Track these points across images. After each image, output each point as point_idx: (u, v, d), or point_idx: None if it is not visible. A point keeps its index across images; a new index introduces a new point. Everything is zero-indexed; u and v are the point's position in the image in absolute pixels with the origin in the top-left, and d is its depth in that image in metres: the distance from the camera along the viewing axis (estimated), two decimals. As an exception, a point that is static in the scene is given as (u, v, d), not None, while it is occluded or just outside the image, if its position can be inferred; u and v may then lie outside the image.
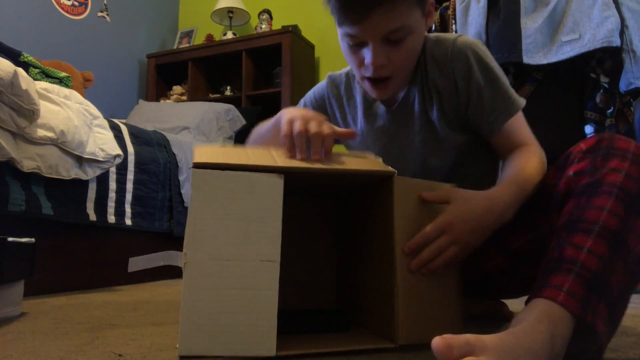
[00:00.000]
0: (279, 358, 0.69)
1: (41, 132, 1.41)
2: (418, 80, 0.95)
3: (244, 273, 0.70)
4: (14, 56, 1.84)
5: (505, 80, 0.92)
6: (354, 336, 0.82)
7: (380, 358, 0.72)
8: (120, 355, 0.75)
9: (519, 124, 0.92)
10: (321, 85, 1.11)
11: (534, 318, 0.60)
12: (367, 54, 0.85)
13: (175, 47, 3.79)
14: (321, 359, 0.70)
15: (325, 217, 1.03)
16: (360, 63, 0.88)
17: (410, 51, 0.87)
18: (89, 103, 1.70)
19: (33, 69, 1.85)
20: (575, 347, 0.64)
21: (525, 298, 0.67)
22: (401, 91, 0.97)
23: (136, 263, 0.77)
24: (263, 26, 3.43)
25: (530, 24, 1.91)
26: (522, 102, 0.92)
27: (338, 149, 1.02)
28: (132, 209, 1.84)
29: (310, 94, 1.13)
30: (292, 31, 3.12)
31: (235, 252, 0.70)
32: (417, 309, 0.77)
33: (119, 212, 1.77)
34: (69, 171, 1.51)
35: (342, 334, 0.83)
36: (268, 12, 3.47)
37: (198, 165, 0.70)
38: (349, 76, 1.08)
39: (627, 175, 0.68)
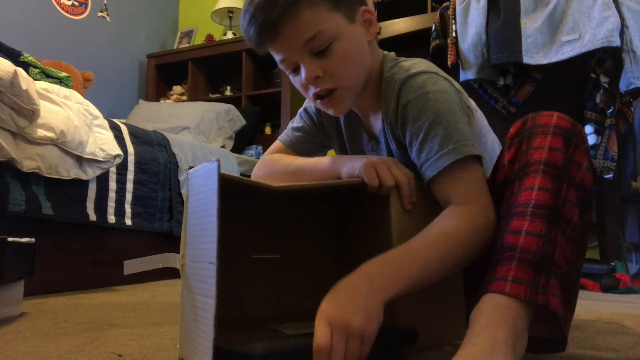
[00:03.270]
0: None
1: (41, 132, 1.41)
2: (382, 108, 0.88)
3: (198, 277, 0.65)
4: (14, 56, 1.84)
5: (454, 124, 0.78)
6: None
7: (380, 358, 0.72)
8: (120, 355, 0.75)
9: (458, 177, 0.77)
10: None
11: (485, 316, 0.61)
12: (303, 72, 0.82)
13: (175, 47, 3.79)
14: None
15: (324, 220, 1.03)
16: (305, 86, 0.85)
17: (343, 57, 0.81)
18: (89, 103, 1.70)
19: (33, 69, 1.84)
20: (539, 330, 0.65)
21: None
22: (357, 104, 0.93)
23: (132, 266, 0.75)
24: (263, 26, 3.43)
25: (530, 24, 1.91)
26: (467, 150, 0.76)
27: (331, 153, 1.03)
28: (132, 208, 1.84)
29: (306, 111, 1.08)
30: (292, 31, 3.12)
31: (197, 252, 0.67)
32: (417, 311, 0.77)
33: (119, 212, 1.77)
34: (69, 171, 1.51)
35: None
36: (268, 12, 3.47)
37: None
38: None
39: (550, 148, 0.69)
